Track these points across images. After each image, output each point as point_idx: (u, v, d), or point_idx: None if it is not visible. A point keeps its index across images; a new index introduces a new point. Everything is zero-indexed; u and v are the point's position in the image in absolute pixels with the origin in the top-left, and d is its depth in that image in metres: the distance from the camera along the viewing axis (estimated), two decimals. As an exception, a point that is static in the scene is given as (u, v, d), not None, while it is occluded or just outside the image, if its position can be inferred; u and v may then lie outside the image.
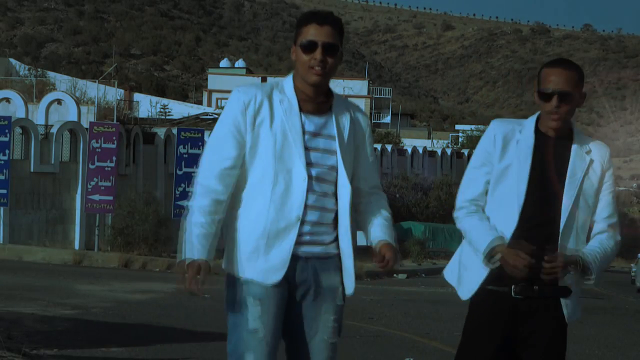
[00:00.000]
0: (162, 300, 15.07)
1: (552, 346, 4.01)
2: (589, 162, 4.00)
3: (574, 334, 13.53)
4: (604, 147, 4.08)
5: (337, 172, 3.83)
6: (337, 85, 75.48)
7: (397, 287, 22.23)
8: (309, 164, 3.77)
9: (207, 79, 75.24)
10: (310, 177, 3.77)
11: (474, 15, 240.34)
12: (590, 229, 4.08)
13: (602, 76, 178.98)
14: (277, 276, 3.76)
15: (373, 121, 72.29)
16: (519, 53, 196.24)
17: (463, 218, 4.07)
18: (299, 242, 3.78)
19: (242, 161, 3.80)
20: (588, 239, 4.06)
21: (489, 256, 3.94)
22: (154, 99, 52.45)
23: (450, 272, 4.22)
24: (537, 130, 4.05)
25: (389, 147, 51.65)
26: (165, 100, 55.27)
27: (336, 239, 3.86)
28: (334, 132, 3.84)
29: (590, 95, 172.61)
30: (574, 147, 4.02)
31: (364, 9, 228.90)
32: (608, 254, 4.03)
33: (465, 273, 4.10)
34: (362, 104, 74.37)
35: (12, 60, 62.16)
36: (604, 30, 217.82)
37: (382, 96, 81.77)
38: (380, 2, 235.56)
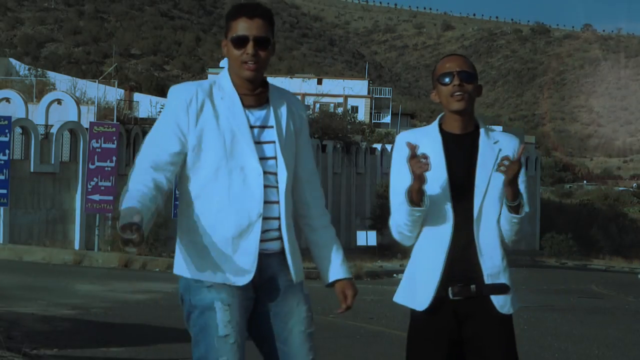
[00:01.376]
0: (162, 300, 15.07)
1: (498, 344, 4.00)
2: (498, 151, 3.99)
3: (574, 333, 13.55)
4: (513, 138, 4.08)
5: (277, 162, 3.75)
6: (337, 85, 75.47)
7: (397, 287, 22.20)
8: (261, 159, 3.71)
9: (207, 78, 75.23)
10: (266, 170, 3.71)
11: (474, 15, 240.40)
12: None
13: (602, 76, 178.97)
14: (247, 277, 3.68)
15: (373, 121, 72.33)
16: (519, 53, 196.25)
17: (395, 230, 4.05)
18: (261, 239, 3.71)
19: (182, 161, 3.71)
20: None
21: (408, 194, 3.90)
22: (154, 99, 52.40)
23: (401, 295, 4.18)
24: (442, 131, 4.05)
25: (389, 147, 51.66)
26: (165, 100, 55.20)
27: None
28: (273, 122, 3.77)
29: (590, 95, 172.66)
30: (481, 139, 4.01)
31: (364, 9, 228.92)
32: (518, 221, 3.95)
33: (416, 285, 4.06)
34: (362, 104, 74.42)
35: (12, 60, 62.17)
36: (604, 30, 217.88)
37: (382, 96, 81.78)
38: (380, 2, 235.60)
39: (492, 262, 3.98)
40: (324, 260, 3.90)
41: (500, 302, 3.99)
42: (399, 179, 4.03)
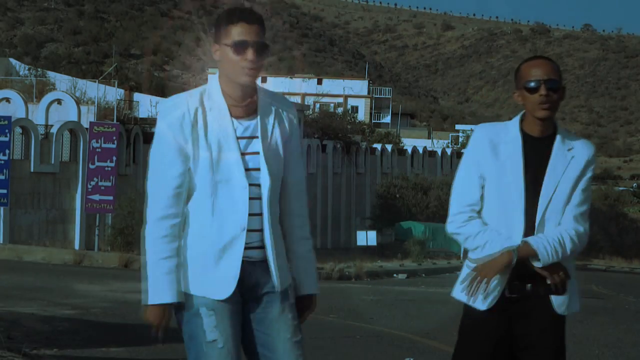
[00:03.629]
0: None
1: (549, 346, 4.01)
2: (570, 159, 4.00)
3: (574, 333, 13.53)
4: (587, 146, 4.07)
5: (262, 175, 3.73)
6: (337, 85, 75.46)
7: (397, 287, 22.21)
8: (247, 170, 3.70)
9: (207, 79, 75.29)
10: (251, 182, 3.69)
11: (474, 15, 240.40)
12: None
13: (602, 76, 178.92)
14: (228, 291, 3.68)
15: (373, 121, 72.33)
16: (519, 53, 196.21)
17: (463, 224, 4.07)
18: (245, 247, 3.71)
19: (188, 176, 3.70)
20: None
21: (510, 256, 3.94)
22: (154, 99, 52.38)
23: (458, 290, 4.18)
24: (523, 132, 4.05)
25: (389, 147, 51.66)
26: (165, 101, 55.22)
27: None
28: (258, 132, 3.76)
29: (590, 95, 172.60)
30: (556, 144, 4.02)
31: (364, 9, 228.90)
32: (568, 242, 3.96)
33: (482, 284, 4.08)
34: (362, 104, 74.43)
35: (12, 60, 62.15)
36: (604, 30, 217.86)
37: (382, 96, 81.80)
38: (380, 2, 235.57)
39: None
40: (300, 272, 3.89)
41: (559, 302, 4.01)
42: (472, 171, 4.05)
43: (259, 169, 3.73)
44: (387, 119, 79.98)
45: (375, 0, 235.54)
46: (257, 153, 3.74)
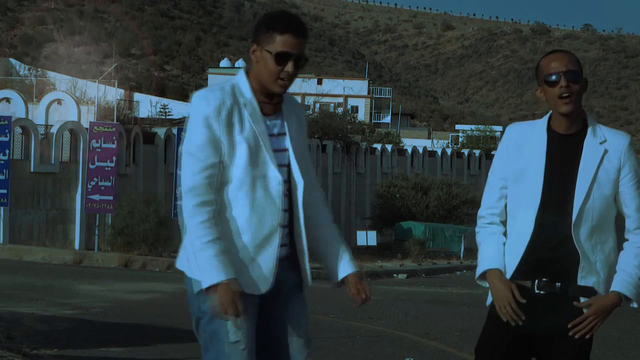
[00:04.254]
0: (162, 300, 15.06)
1: (574, 347, 4.00)
2: (603, 152, 3.92)
3: (574, 334, 13.53)
4: (622, 137, 3.98)
5: (290, 170, 3.77)
6: (338, 85, 75.44)
7: (397, 287, 22.21)
8: (279, 166, 3.73)
9: (207, 79, 75.28)
10: (283, 179, 3.73)
11: (474, 15, 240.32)
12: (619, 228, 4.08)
13: (602, 76, 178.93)
14: (265, 285, 3.70)
15: (373, 121, 72.32)
16: (519, 53, 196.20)
17: (479, 230, 4.12)
18: None
19: (221, 168, 3.69)
20: (619, 234, 4.04)
21: (481, 279, 4.04)
22: (154, 99, 52.45)
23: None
24: (550, 130, 4.00)
25: (389, 147, 51.64)
26: (165, 100, 55.27)
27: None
28: (286, 130, 3.80)
29: (590, 95, 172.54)
30: (587, 138, 3.95)
31: (364, 9, 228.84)
32: None
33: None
34: (362, 104, 74.42)
35: (12, 60, 62.15)
36: (604, 30, 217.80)
37: (382, 96, 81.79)
38: (380, 2, 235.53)
39: (588, 265, 3.95)
40: (332, 257, 3.87)
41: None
42: (495, 174, 4.06)
43: (285, 165, 3.76)
44: (387, 119, 79.97)
45: (375, 0, 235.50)
46: (286, 150, 3.77)
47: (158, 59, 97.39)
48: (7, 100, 34.43)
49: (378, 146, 51.45)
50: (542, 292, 3.95)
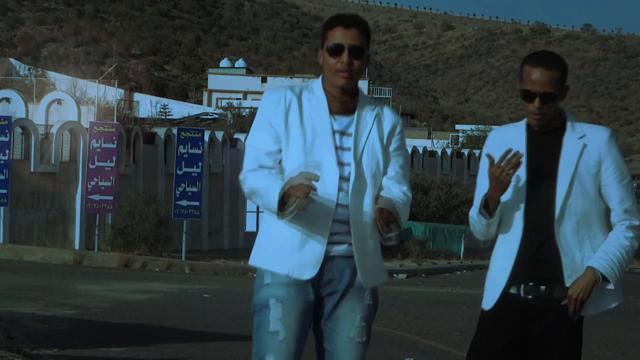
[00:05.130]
0: (162, 300, 15.07)
1: (564, 347, 3.99)
2: (583, 146, 3.94)
3: (574, 334, 13.53)
4: (601, 130, 4.00)
5: (351, 169, 3.81)
6: (337, 85, 75.49)
7: (397, 287, 22.21)
8: (339, 163, 3.78)
9: (207, 78, 75.22)
10: (341, 175, 3.78)
11: (474, 15, 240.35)
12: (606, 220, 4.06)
13: (602, 76, 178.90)
14: (311, 272, 3.75)
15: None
16: (519, 53, 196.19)
17: (471, 222, 4.12)
18: (329, 242, 3.78)
19: (280, 158, 3.82)
20: (601, 226, 4.02)
21: (484, 201, 3.99)
22: (154, 99, 52.47)
23: (483, 297, 4.24)
24: (529, 128, 4.03)
25: (389, 147, 51.60)
26: (165, 100, 55.27)
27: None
28: (353, 131, 3.84)
29: (590, 95, 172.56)
30: (566, 133, 3.98)
31: (364, 9, 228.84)
32: (628, 248, 3.98)
33: (488, 284, 4.11)
34: (362, 104, 74.46)
35: (12, 60, 62.14)
36: (604, 30, 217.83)
37: (382, 96, 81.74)
38: (380, 2, 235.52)
39: (573, 263, 3.95)
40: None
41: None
42: (482, 178, 4.09)
43: (347, 164, 3.80)
44: (387, 119, 79.88)
45: (375, 0, 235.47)
46: (349, 149, 3.81)
47: (158, 59, 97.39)
48: (7, 100, 34.41)
49: (378, 146, 51.42)
50: (529, 296, 3.94)
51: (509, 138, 4.03)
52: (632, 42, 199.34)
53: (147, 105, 47.60)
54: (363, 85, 76.04)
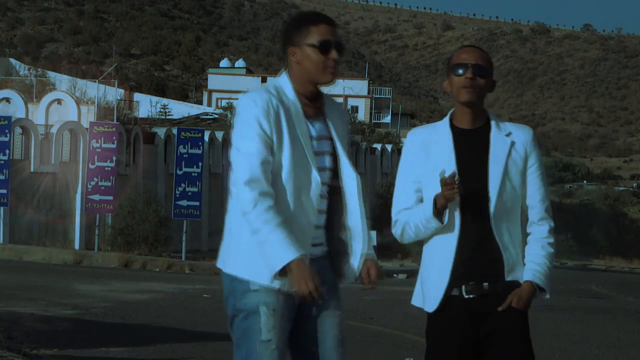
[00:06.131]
0: (162, 300, 15.08)
1: (515, 342, 3.99)
2: (511, 143, 3.95)
3: (574, 333, 13.54)
4: (525, 129, 4.04)
5: (329, 173, 3.83)
6: (337, 85, 75.40)
7: (397, 287, 22.24)
8: (319, 169, 3.78)
9: (207, 78, 75.25)
10: (323, 181, 3.79)
11: (474, 15, 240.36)
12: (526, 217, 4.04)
13: (602, 76, 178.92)
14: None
15: (373, 121, 72.32)
16: (519, 53, 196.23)
17: (399, 225, 4.05)
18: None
19: (273, 164, 3.74)
20: (522, 225, 4.01)
21: (434, 207, 3.90)
22: (154, 99, 52.46)
23: (415, 297, 4.21)
24: (453, 126, 4.01)
25: (389, 147, 51.63)
26: (165, 100, 55.26)
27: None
28: (332, 133, 3.87)
29: (590, 95, 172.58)
30: (492, 133, 3.98)
31: (364, 9, 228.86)
32: (552, 255, 4.00)
33: (427, 286, 4.08)
34: (362, 104, 74.39)
35: (12, 60, 62.14)
36: (604, 30, 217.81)
37: (382, 96, 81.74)
38: (380, 2, 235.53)
39: (512, 258, 3.96)
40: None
41: None
42: (406, 177, 4.04)
43: (328, 169, 3.82)
44: (387, 119, 79.92)
45: (375, 0, 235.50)
46: (329, 153, 3.84)
47: (158, 59, 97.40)
48: (7, 100, 34.41)
49: (378, 146, 51.46)
50: (471, 296, 3.93)
51: (433, 137, 4.01)
52: (632, 42, 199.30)
53: (147, 105, 47.59)
54: (363, 85, 76.11)
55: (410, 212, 3.99)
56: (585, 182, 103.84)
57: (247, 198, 3.67)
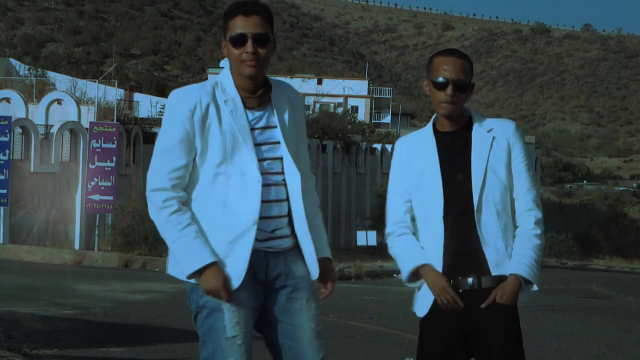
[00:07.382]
0: (162, 300, 15.07)
1: (499, 337, 3.99)
2: (492, 138, 3.99)
3: (574, 333, 13.54)
4: (507, 123, 4.08)
5: (282, 162, 3.74)
6: (337, 85, 75.42)
7: (397, 287, 22.22)
8: (260, 160, 3.69)
9: (207, 78, 75.19)
10: (263, 176, 3.69)
11: (474, 15, 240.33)
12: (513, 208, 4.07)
13: (602, 76, 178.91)
14: (235, 282, 3.64)
15: (373, 121, 72.29)
16: (519, 53, 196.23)
17: (392, 243, 4.12)
18: (268, 238, 3.71)
19: (191, 167, 3.69)
20: (514, 215, 4.03)
21: (412, 275, 4.03)
22: (154, 99, 52.38)
23: (414, 303, 4.27)
24: (436, 130, 4.06)
25: (389, 147, 51.62)
26: (165, 100, 55.19)
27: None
28: (276, 122, 3.75)
29: (590, 95, 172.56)
30: (474, 132, 4.02)
31: (364, 9, 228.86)
32: (539, 246, 4.00)
33: (419, 292, 4.14)
34: (362, 104, 74.40)
35: (12, 60, 62.12)
36: (604, 30, 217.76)
37: (382, 96, 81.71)
38: (380, 2, 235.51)
39: (497, 252, 3.98)
40: (316, 240, 3.84)
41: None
42: (396, 189, 4.10)
43: (278, 158, 3.74)
44: (387, 119, 79.90)
45: (375, 0, 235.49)
46: (277, 143, 3.74)
47: (158, 59, 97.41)
48: (7, 100, 34.38)
49: (378, 146, 51.46)
50: (459, 290, 3.96)
51: (417, 145, 4.07)
52: (632, 42, 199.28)
53: (147, 105, 47.53)
54: (363, 85, 76.10)
55: (400, 250, 4.08)
56: (585, 182, 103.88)
57: (153, 205, 3.71)
